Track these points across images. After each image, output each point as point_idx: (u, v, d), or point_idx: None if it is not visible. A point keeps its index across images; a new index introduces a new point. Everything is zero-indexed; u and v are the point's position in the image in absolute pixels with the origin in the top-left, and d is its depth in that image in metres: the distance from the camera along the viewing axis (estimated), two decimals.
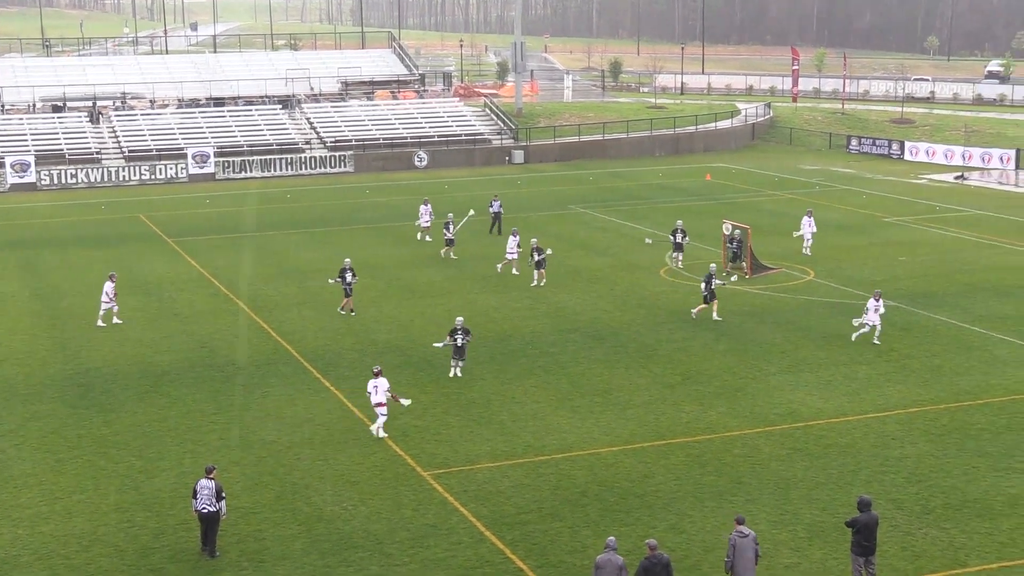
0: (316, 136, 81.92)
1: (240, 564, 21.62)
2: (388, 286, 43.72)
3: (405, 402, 28.72)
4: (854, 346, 34.87)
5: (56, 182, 73.77)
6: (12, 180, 72.90)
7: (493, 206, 54.58)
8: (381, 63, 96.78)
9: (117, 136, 78.96)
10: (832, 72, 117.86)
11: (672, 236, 46.67)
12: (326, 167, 78.99)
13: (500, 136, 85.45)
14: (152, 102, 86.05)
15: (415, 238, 52.73)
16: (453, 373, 32.38)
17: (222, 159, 76.83)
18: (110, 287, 38.53)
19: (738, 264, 44.48)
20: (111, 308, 38.60)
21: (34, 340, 37.00)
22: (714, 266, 39.27)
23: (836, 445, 27.03)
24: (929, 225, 55.72)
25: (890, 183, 70.64)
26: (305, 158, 78.78)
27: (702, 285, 38.27)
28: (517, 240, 45.22)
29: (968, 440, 27.30)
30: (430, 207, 53.30)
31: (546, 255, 43.22)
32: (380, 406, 27.67)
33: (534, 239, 44.28)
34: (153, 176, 75.25)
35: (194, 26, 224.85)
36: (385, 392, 27.59)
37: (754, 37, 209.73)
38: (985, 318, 38.02)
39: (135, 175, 75.02)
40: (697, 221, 54.11)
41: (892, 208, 60.80)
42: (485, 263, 47.04)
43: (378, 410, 27.71)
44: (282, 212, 62.74)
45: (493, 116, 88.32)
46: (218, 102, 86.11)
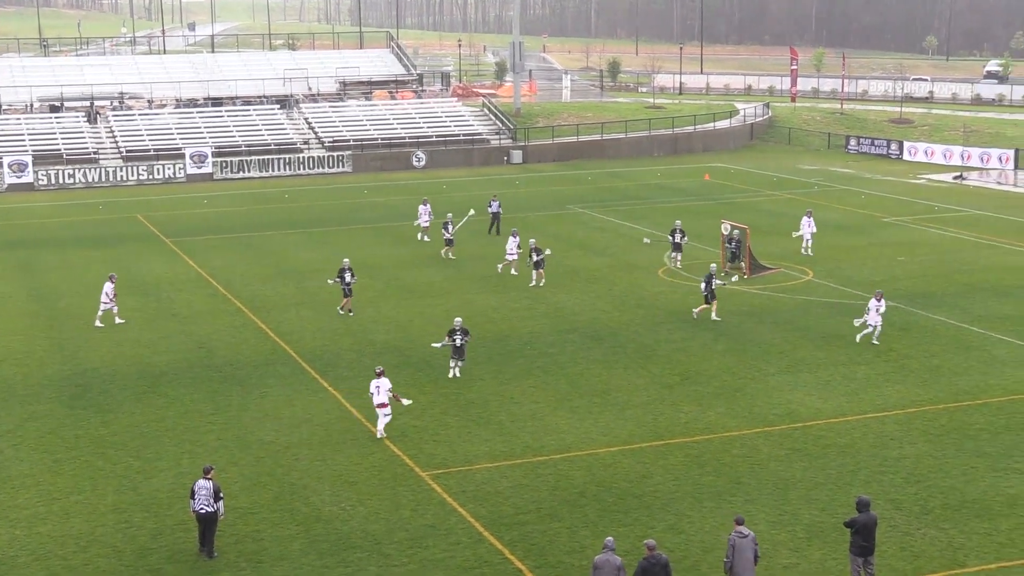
0: (314, 136, 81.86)
1: (238, 564, 21.59)
2: (386, 286, 43.69)
3: (406, 402, 28.73)
4: (853, 346, 34.85)
5: (54, 182, 73.72)
6: (9, 180, 72.84)
7: (492, 206, 54.55)
8: (379, 63, 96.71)
9: (115, 136, 78.90)
10: (831, 72, 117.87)
11: (671, 236, 46.64)
12: (324, 167, 78.94)
13: (498, 136, 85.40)
14: (150, 102, 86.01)
15: (415, 238, 52.68)
16: (452, 373, 32.34)
17: (220, 159, 76.77)
18: (110, 288, 38.47)
19: (736, 264, 44.46)
20: (110, 309, 38.54)
21: (32, 340, 36.96)
22: (714, 266, 39.25)
23: (835, 445, 27.01)
24: (928, 225, 55.72)
25: (889, 183, 70.65)
26: (303, 158, 78.74)
27: (702, 285, 38.24)
28: (517, 241, 45.18)
29: (967, 440, 27.29)
30: (429, 207, 53.28)
31: (545, 255, 43.20)
32: (382, 407, 27.64)
33: (532, 239, 44.27)
34: (151, 176, 75.21)
35: (192, 26, 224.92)
36: (387, 392, 27.57)
37: (753, 37, 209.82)
38: (984, 318, 38.01)
39: (133, 175, 74.97)
40: (696, 221, 54.09)
41: (891, 208, 60.80)
42: (483, 263, 47.01)
43: (381, 411, 27.67)
44: (280, 212, 62.71)
45: (491, 116, 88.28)
46: (216, 102, 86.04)
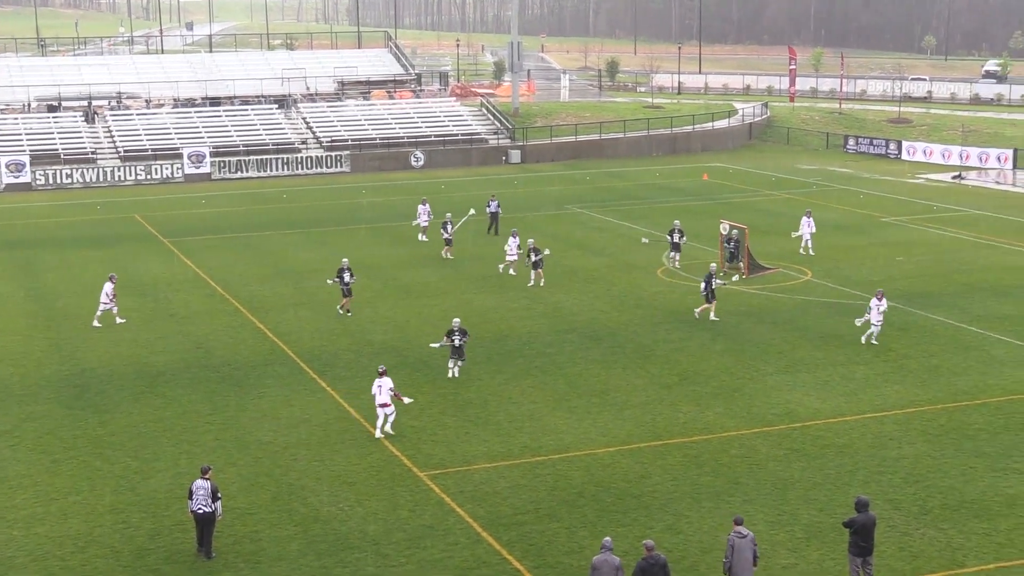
0: (312, 136, 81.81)
1: (236, 565, 21.56)
2: (384, 286, 43.65)
3: (407, 400, 28.72)
4: (851, 346, 34.84)
5: (51, 182, 73.64)
6: (7, 180, 72.77)
7: (491, 206, 54.52)
8: (377, 63, 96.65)
9: (113, 136, 78.82)
10: (829, 72, 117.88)
11: (669, 236, 46.60)
12: (322, 167, 78.88)
13: (497, 136, 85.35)
14: (148, 102, 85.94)
15: (415, 238, 52.60)
16: (451, 374, 32.31)
17: (218, 159, 76.71)
18: (110, 288, 38.41)
19: (735, 264, 44.44)
20: (110, 309, 38.48)
21: (29, 341, 36.92)
22: (714, 266, 39.20)
23: (833, 445, 26.99)
24: (927, 225, 55.70)
25: (887, 183, 70.63)
26: (301, 158, 78.67)
27: (702, 285, 38.19)
28: (517, 241, 45.14)
29: (966, 440, 27.27)
30: (428, 207, 53.25)
31: (544, 255, 43.17)
32: (384, 406, 27.63)
33: (531, 239, 44.25)
34: (149, 176, 75.14)
35: (190, 26, 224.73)
36: (389, 391, 27.56)
37: (751, 37, 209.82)
38: (983, 318, 38.00)
39: (131, 175, 74.90)
40: (694, 221, 54.06)
41: (889, 208, 60.78)
42: (482, 263, 46.98)
43: (383, 410, 27.66)
44: (278, 212, 62.66)
45: (490, 116, 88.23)
46: (214, 102, 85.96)
